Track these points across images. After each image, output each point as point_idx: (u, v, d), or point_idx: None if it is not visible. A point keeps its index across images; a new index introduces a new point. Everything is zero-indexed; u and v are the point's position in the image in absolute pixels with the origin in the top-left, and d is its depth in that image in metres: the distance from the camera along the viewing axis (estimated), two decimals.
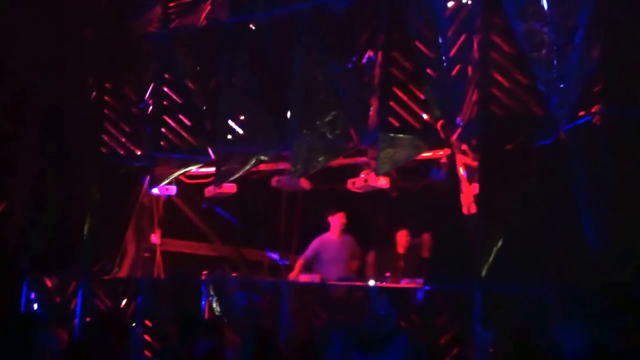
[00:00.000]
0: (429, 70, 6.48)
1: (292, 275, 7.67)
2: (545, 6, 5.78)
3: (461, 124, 6.27)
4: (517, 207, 5.72)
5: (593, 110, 5.50)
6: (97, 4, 8.39)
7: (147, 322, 7.45)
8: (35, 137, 8.50)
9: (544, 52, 5.77)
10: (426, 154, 6.75)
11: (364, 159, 7.06)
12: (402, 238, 7.79)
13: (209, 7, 7.94)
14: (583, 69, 5.58)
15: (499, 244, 5.70)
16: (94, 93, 8.46)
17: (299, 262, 7.84)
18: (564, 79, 5.67)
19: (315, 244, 7.87)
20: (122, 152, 8.33)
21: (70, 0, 8.26)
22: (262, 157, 7.52)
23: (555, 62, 5.70)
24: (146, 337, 7.35)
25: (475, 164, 6.08)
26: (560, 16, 5.73)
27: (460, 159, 6.23)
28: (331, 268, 7.66)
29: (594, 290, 5.19)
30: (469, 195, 6.05)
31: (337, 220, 7.80)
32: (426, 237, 7.69)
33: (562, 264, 5.45)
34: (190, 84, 8.05)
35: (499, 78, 6.06)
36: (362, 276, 7.52)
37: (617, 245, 5.23)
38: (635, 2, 5.48)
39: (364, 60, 6.93)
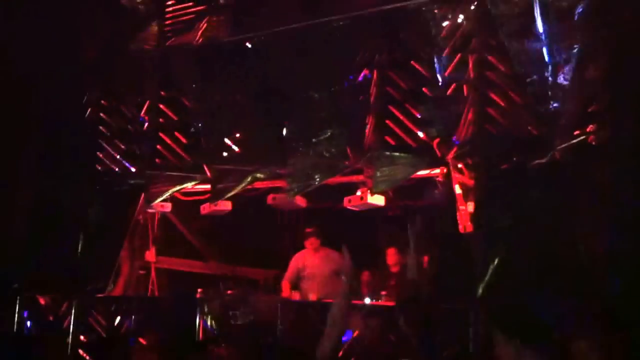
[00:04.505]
0: (425, 89, 6.53)
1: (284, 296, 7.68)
2: (540, 27, 5.85)
3: (457, 142, 6.30)
4: (513, 225, 5.74)
5: (588, 130, 5.54)
6: (94, 21, 8.42)
7: (142, 340, 7.40)
8: (31, 155, 8.49)
9: (539, 72, 5.83)
10: (422, 173, 6.77)
11: (360, 177, 7.08)
12: (391, 257, 7.80)
13: (205, 25, 7.97)
14: (578, 89, 5.64)
15: (496, 262, 5.71)
16: (89, 110, 8.48)
17: (285, 284, 7.83)
18: (559, 98, 5.73)
19: (293, 262, 7.85)
20: (117, 169, 8.31)
21: (67, 18, 8.28)
22: (258, 175, 7.52)
23: (550, 81, 5.76)
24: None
25: (471, 182, 6.11)
26: (555, 37, 5.80)
27: (456, 177, 6.26)
28: (311, 284, 7.64)
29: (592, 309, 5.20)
30: (465, 213, 6.07)
31: (309, 244, 7.83)
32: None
33: (559, 282, 5.45)
34: (186, 102, 8.07)
35: (495, 97, 6.11)
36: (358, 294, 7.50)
37: (613, 264, 5.26)
38: (629, 24, 5.55)
39: (361, 79, 6.97)
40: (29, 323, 8.21)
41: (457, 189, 6.22)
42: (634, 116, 5.49)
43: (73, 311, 7.89)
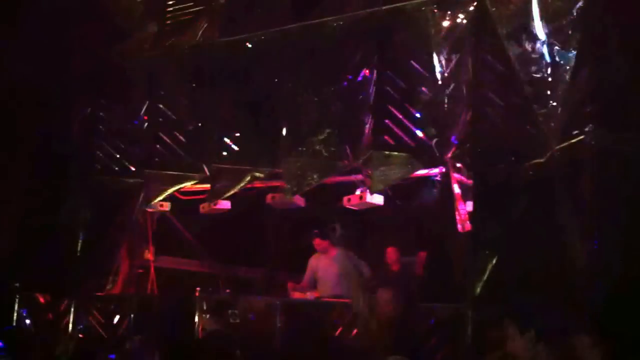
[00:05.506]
0: (423, 89, 6.53)
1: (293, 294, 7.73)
2: (538, 27, 5.86)
3: (456, 142, 6.31)
4: (510, 226, 5.74)
5: (585, 129, 5.55)
6: (94, 20, 8.43)
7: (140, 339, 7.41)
8: (30, 153, 8.52)
9: (536, 72, 5.84)
10: (421, 172, 6.77)
11: (359, 176, 7.09)
12: (391, 255, 7.83)
13: (204, 26, 7.99)
14: (575, 89, 5.64)
15: (493, 262, 5.72)
16: (89, 109, 8.49)
17: (303, 284, 7.91)
18: (557, 98, 5.74)
19: (309, 264, 7.92)
20: (116, 169, 8.33)
21: (66, 18, 8.29)
22: (257, 174, 7.54)
23: (547, 81, 5.77)
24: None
25: (469, 182, 6.12)
26: (552, 37, 5.81)
27: (455, 177, 6.27)
28: (324, 286, 7.69)
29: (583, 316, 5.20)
30: (463, 213, 6.07)
31: (316, 245, 7.89)
32: (422, 255, 7.71)
33: (556, 285, 5.46)
34: (185, 101, 8.08)
35: (493, 97, 6.11)
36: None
37: (607, 269, 5.27)
38: (627, 23, 5.56)
39: (359, 79, 6.98)
40: (28, 321, 8.24)
41: (456, 189, 6.23)
42: (631, 117, 5.50)
43: (72, 310, 7.92)
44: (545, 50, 5.86)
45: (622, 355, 4.81)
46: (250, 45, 7.64)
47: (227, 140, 7.74)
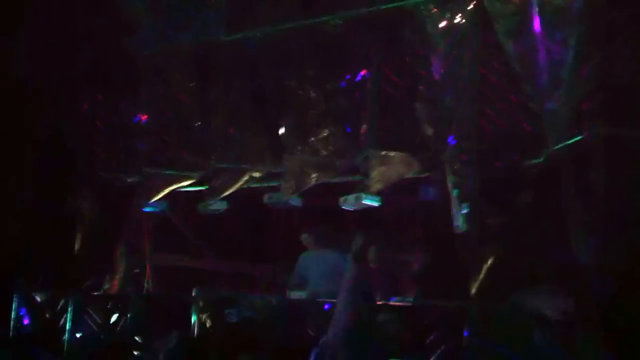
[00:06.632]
0: (421, 88, 6.51)
1: None
2: (536, 25, 5.83)
3: (454, 141, 6.28)
4: (508, 224, 5.72)
5: (584, 128, 5.52)
6: (94, 19, 8.45)
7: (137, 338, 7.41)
8: (28, 152, 8.54)
9: (534, 70, 5.81)
10: (418, 171, 6.74)
11: (356, 176, 7.06)
12: (370, 254, 7.80)
13: (205, 24, 7.99)
14: (574, 87, 5.62)
15: (490, 261, 5.69)
16: (87, 107, 8.51)
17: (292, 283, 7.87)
18: (555, 96, 5.71)
19: (298, 262, 7.88)
20: (114, 167, 8.33)
21: (67, 16, 8.31)
22: (256, 174, 7.52)
23: (546, 80, 5.74)
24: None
25: (466, 181, 6.09)
26: (550, 35, 5.78)
27: (451, 176, 6.23)
28: (315, 285, 7.66)
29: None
30: (460, 212, 6.05)
31: (305, 244, 7.85)
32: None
33: (554, 282, 5.43)
34: (184, 100, 8.08)
35: (491, 96, 6.09)
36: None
37: (607, 266, 5.23)
38: (626, 21, 5.53)
39: (358, 78, 6.97)
40: (25, 321, 8.24)
41: (452, 188, 6.20)
42: (633, 114, 5.47)
43: (69, 309, 7.91)
44: (545, 48, 5.83)
45: (627, 350, 4.77)
46: (248, 45, 7.64)
47: (225, 139, 7.73)
